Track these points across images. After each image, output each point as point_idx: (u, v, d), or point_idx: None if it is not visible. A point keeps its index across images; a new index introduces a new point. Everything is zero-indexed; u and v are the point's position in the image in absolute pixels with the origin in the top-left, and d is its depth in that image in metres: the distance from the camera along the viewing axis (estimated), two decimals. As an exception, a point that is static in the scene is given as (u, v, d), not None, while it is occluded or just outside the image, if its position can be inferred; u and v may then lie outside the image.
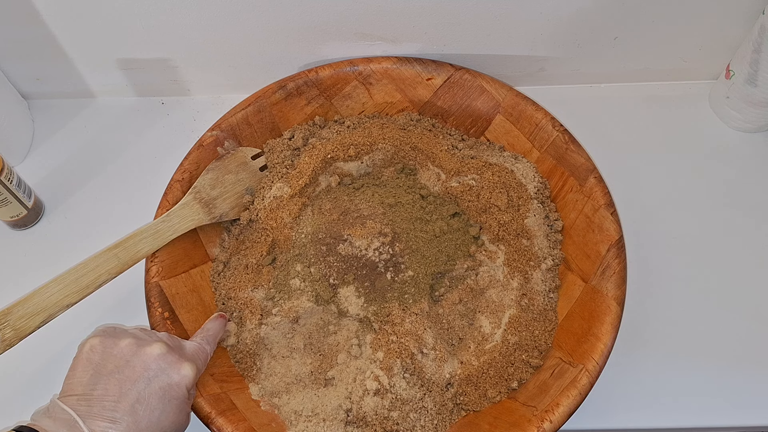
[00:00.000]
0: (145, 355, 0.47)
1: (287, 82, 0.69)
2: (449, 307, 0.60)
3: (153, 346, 0.47)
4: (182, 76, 0.77)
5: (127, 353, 0.47)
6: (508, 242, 0.63)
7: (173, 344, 0.50)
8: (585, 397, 0.52)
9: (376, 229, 0.61)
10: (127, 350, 0.47)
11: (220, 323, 0.56)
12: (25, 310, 0.51)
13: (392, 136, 0.67)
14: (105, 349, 0.47)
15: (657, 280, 0.66)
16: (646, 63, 0.75)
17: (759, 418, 0.59)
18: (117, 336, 0.48)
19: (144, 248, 0.58)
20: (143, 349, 0.47)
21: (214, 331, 0.55)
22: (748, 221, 0.69)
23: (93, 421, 0.43)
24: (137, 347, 0.47)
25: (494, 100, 0.68)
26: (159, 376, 0.46)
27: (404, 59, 0.70)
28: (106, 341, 0.47)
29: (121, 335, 0.48)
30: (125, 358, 0.46)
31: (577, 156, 0.63)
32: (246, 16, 0.67)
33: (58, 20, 0.69)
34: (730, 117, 0.73)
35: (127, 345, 0.47)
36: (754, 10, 0.67)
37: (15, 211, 0.68)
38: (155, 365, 0.46)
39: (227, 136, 0.66)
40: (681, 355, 0.62)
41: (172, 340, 0.50)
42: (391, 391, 0.55)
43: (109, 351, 0.47)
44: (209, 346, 0.53)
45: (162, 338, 0.50)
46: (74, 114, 0.79)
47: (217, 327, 0.55)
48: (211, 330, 0.55)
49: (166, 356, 0.47)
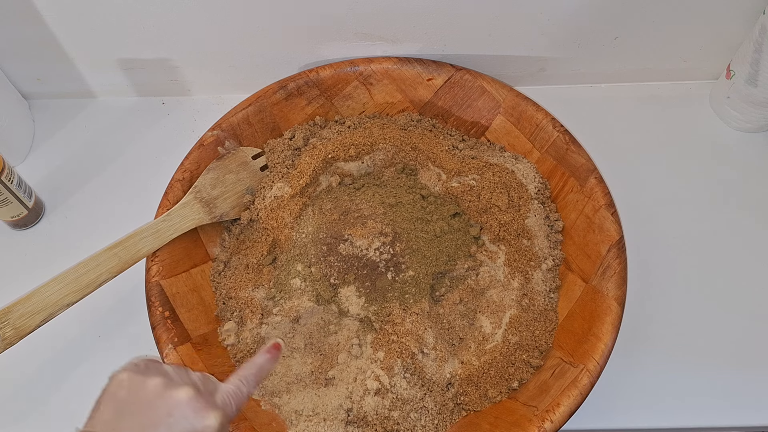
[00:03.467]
0: (171, 399, 0.44)
1: (288, 82, 0.69)
2: (450, 307, 0.60)
3: (181, 391, 0.44)
4: (182, 76, 0.77)
5: (153, 395, 0.44)
6: (508, 242, 0.63)
7: (205, 388, 0.46)
8: (586, 397, 0.52)
9: (377, 229, 0.61)
10: (153, 391, 0.44)
11: (269, 359, 0.50)
12: (26, 309, 0.51)
13: (393, 136, 0.67)
14: (132, 386, 0.44)
15: (657, 280, 0.66)
16: (647, 63, 0.75)
17: (759, 418, 0.59)
18: (147, 374, 0.45)
19: (144, 247, 0.58)
20: (170, 392, 0.44)
21: (259, 368, 0.49)
22: (749, 221, 0.69)
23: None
24: (164, 389, 0.44)
25: (495, 101, 0.68)
26: (180, 423, 0.43)
27: (405, 59, 0.70)
28: (135, 378, 0.45)
29: (152, 373, 0.45)
30: (150, 399, 0.44)
31: (578, 156, 0.63)
32: (246, 16, 0.67)
33: (59, 20, 0.69)
34: (731, 117, 0.73)
35: (155, 386, 0.44)
36: (755, 10, 0.67)
37: (15, 211, 0.68)
38: (179, 412, 0.43)
39: (228, 136, 0.66)
40: (681, 355, 0.62)
41: (206, 383, 0.47)
42: (392, 391, 0.55)
43: (135, 390, 0.44)
44: (247, 387, 0.48)
45: (194, 381, 0.46)
46: (75, 114, 0.79)
47: (264, 364, 0.50)
48: (256, 366, 0.49)
49: (192, 402, 0.44)
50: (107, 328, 0.65)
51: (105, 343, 0.65)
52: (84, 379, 0.63)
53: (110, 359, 0.61)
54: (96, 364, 0.63)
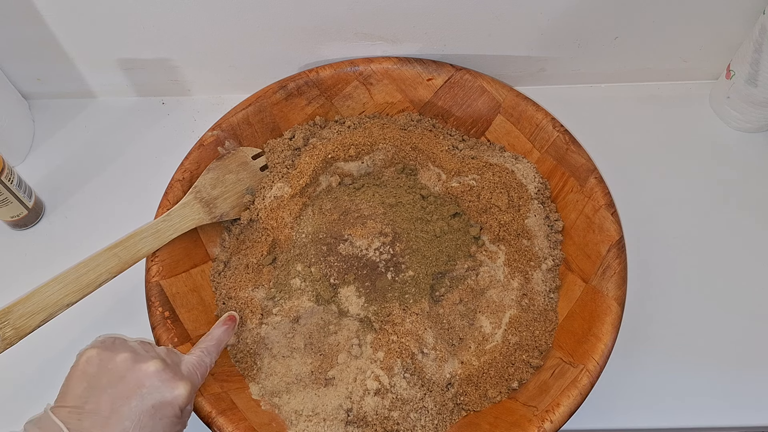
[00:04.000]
0: (141, 371, 0.46)
1: (288, 82, 0.69)
2: (450, 307, 0.61)
3: (149, 363, 0.46)
4: (182, 76, 0.77)
5: (123, 368, 0.46)
6: (508, 242, 0.63)
7: (171, 360, 0.49)
8: (585, 397, 0.52)
9: (377, 229, 0.61)
10: (122, 365, 0.46)
11: (225, 330, 0.55)
12: (26, 309, 0.51)
13: (393, 136, 0.67)
14: (101, 362, 0.46)
15: (657, 280, 0.66)
16: (646, 63, 0.75)
17: (759, 418, 0.59)
18: (115, 349, 0.47)
19: (144, 247, 0.58)
20: (139, 365, 0.46)
21: (218, 340, 0.53)
22: (749, 221, 0.69)
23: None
24: (133, 363, 0.46)
25: (495, 101, 0.68)
26: (152, 393, 0.45)
27: (405, 59, 0.70)
28: (103, 354, 0.47)
29: (119, 348, 0.47)
30: (120, 373, 0.46)
31: (578, 156, 0.63)
32: (246, 16, 0.67)
33: (59, 20, 0.69)
34: (731, 117, 0.73)
35: (124, 360, 0.46)
36: (755, 10, 0.67)
37: (15, 211, 0.68)
38: (149, 382, 0.46)
39: (228, 136, 0.66)
40: (681, 355, 0.62)
41: (171, 356, 0.49)
42: (392, 391, 0.55)
43: (105, 364, 0.46)
44: (210, 357, 0.52)
45: (160, 354, 0.49)
46: (74, 114, 0.79)
47: (221, 334, 0.54)
48: (215, 339, 0.53)
49: (161, 373, 0.46)
50: (107, 328, 0.65)
51: (105, 343, 0.65)
52: (84, 379, 0.63)
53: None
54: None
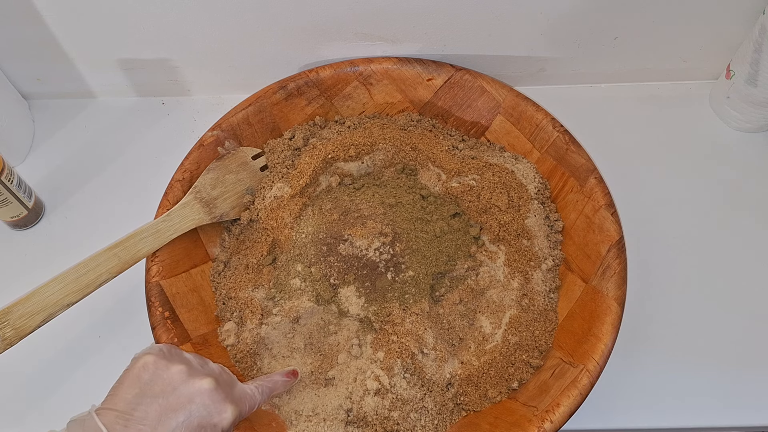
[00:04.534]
0: (194, 387, 0.45)
1: (288, 82, 0.69)
2: (450, 308, 0.60)
3: (204, 381, 0.46)
4: (182, 76, 0.77)
5: (177, 380, 0.45)
6: (508, 242, 0.63)
7: (224, 380, 0.48)
8: (585, 397, 0.52)
9: (377, 229, 0.61)
10: (177, 377, 0.45)
11: (285, 382, 0.54)
12: (26, 309, 0.51)
13: (393, 136, 0.67)
14: (157, 369, 0.45)
15: (657, 280, 0.66)
16: (646, 63, 0.75)
17: (759, 418, 0.59)
18: (171, 359, 0.46)
19: (144, 248, 0.58)
20: (193, 379, 0.45)
21: (274, 384, 0.53)
22: (749, 221, 0.69)
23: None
24: (188, 376, 0.45)
25: (495, 101, 0.68)
26: (201, 411, 0.45)
27: (405, 60, 0.70)
28: (160, 363, 0.46)
29: (175, 359, 0.47)
30: (174, 384, 0.45)
31: (578, 156, 0.63)
32: (246, 16, 0.67)
33: (58, 20, 0.69)
34: (731, 117, 0.73)
35: (179, 372, 0.45)
36: (755, 10, 0.67)
37: (15, 212, 0.68)
38: (200, 400, 0.45)
39: (228, 136, 0.66)
40: (681, 355, 0.62)
41: (225, 376, 0.49)
42: (392, 391, 0.55)
43: (160, 373, 0.45)
44: (261, 396, 0.51)
45: (215, 372, 0.48)
46: (74, 114, 0.79)
47: (279, 383, 0.54)
48: (272, 382, 0.53)
49: (213, 393, 0.45)
50: (107, 328, 0.65)
51: (105, 343, 0.65)
52: (84, 380, 0.63)
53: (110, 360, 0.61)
54: (96, 365, 0.63)
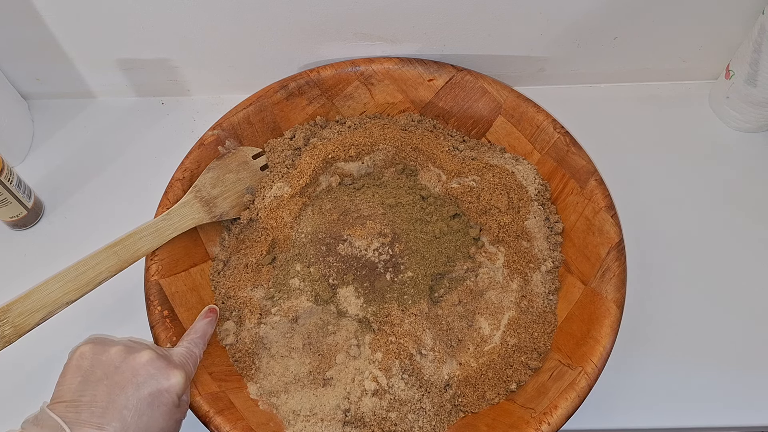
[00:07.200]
0: (134, 361, 0.47)
1: (289, 81, 0.69)
2: (448, 309, 0.60)
3: (142, 353, 0.47)
4: (182, 76, 0.77)
5: (117, 359, 0.47)
6: (508, 244, 0.62)
7: (161, 352, 0.50)
8: (583, 399, 0.52)
9: (376, 229, 0.61)
10: (116, 357, 0.47)
11: (208, 322, 0.56)
12: (25, 307, 0.51)
13: (393, 136, 0.67)
14: (95, 355, 0.47)
15: (657, 281, 0.66)
16: (646, 63, 0.75)
17: (759, 418, 0.59)
18: (107, 343, 0.48)
19: (144, 246, 0.58)
20: (132, 355, 0.47)
21: (203, 331, 0.55)
22: (748, 221, 0.68)
23: (80, 428, 0.43)
24: (126, 354, 0.47)
25: (496, 102, 0.68)
26: (148, 382, 0.46)
27: (406, 60, 0.70)
28: (96, 348, 0.47)
29: (110, 343, 0.49)
30: (114, 364, 0.46)
31: (578, 158, 0.63)
32: (246, 16, 0.67)
33: (58, 20, 0.69)
34: (730, 117, 0.73)
35: (117, 351, 0.47)
36: (754, 10, 0.67)
37: (15, 212, 0.68)
38: (144, 371, 0.46)
39: (228, 135, 0.66)
40: (681, 355, 0.62)
41: (160, 349, 0.51)
42: (390, 392, 0.55)
43: (99, 357, 0.47)
44: (198, 348, 0.53)
45: (150, 346, 0.50)
46: (74, 114, 0.79)
47: (205, 326, 0.55)
48: (199, 331, 0.55)
49: (154, 362, 0.47)
50: (106, 326, 0.65)
51: (104, 342, 0.65)
52: (83, 379, 0.63)
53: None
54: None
